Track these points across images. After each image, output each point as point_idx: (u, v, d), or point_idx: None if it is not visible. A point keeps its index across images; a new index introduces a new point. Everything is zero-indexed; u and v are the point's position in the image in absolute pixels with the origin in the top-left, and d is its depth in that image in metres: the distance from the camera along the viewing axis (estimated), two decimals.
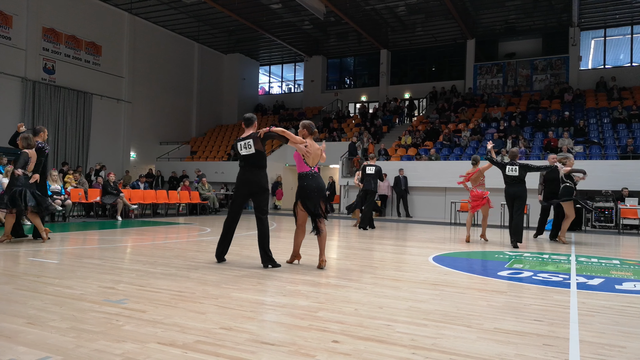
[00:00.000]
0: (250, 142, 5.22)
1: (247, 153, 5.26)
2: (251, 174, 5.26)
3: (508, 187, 8.29)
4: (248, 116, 5.46)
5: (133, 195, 13.07)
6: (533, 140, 17.12)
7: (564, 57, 21.78)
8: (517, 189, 8.20)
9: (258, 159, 5.27)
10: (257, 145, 5.21)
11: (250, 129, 5.38)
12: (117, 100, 20.73)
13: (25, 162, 6.81)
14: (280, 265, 5.30)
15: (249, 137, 5.26)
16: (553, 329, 3.14)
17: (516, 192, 8.19)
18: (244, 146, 5.26)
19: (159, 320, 3.03)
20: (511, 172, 8.21)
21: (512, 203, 8.27)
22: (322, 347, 2.65)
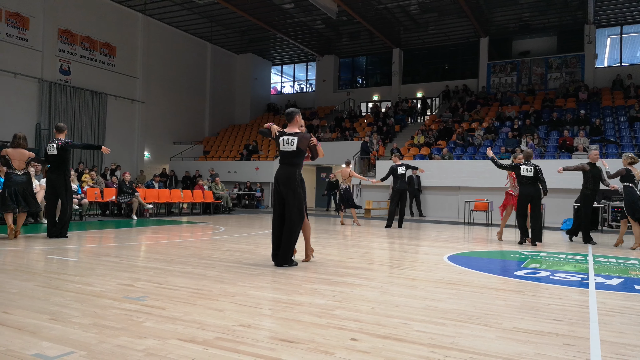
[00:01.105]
0: (295, 140, 5.12)
1: (287, 150, 5.17)
2: (283, 170, 5.17)
3: (523, 188, 8.22)
4: (289, 111, 5.33)
5: (148, 195, 13.20)
6: (548, 139, 16.94)
7: (579, 55, 21.51)
8: (533, 189, 8.14)
9: (296, 156, 5.18)
10: (301, 144, 5.13)
11: (292, 124, 5.27)
12: (131, 100, 20.94)
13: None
14: (297, 264, 5.30)
15: (294, 134, 5.16)
16: (573, 329, 3.11)
17: (531, 193, 8.13)
18: (285, 142, 5.15)
19: (178, 317, 3.07)
20: (526, 172, 8.15)
21: (527, 204, 8.21)
22: (341, 344, 2.66)
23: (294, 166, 5.18)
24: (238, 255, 5.97)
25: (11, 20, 16.54)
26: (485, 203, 13.83)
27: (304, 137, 5.15)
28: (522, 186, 8.24)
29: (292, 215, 5.11)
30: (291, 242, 5.15)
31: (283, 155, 5.23)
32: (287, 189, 5.12)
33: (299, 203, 5.15)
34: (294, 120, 5.29)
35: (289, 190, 5.12)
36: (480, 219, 14.35)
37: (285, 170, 5.18)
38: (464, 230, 11.59)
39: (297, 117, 5.31)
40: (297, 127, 5.29)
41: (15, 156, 7.09)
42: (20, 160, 7.12)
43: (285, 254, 5.14)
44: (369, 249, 7.48)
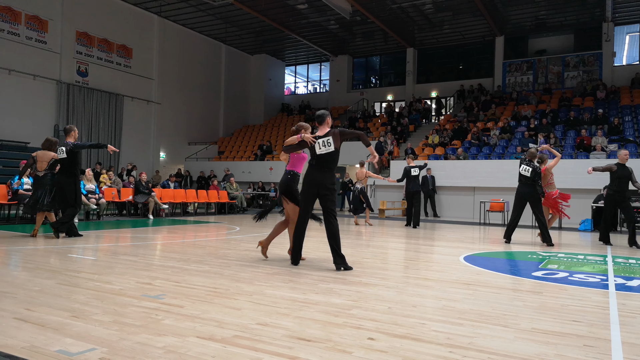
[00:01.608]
0: (330, 140, 5.05)
1: (324, 152, 5.06)
2: (319, 174, 5.06)
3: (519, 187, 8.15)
4: (320, 113, 5.24)
5: (164, 195, 13.34)
6: (565, 139, 16.71)
7: (597, 53, 21.18)
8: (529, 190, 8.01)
9: (333, 158, 5.09)
10: (336, 143, 5.07)
11: (324, 126, 5.18)
12: (147, 101, 21.18)
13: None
14: (352, 268, 5.11)
15: (327, 134, 5.12)
16: (593, 330, 3.07)
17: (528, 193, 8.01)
18: (322, 144, 5.06)
19: (196, 315, 3.10)
20: (524, 171, 8.05)
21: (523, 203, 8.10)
22: (358, 344, 2.66)
23: (330, 169, 5.12)
24: (253, 254, 6.01)
25: (30, 23, 16.85)
26: (501, 203, 13.69)
27: (335, 135, 5.07)
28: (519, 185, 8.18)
29: (333, 220, 5.05)
30: (339, 244, 5.06)
31: (321, 159, 5.09)
32: (330, 192, 5.05)
33: (334, 205, 5.13)
34: (326, 122, 5.21)
35: (332, 193, 5.05)
36: (496, 220, 14.21)
37: (326, 174, 5.07)
38: (479, 231, 11.49)
39: (328, 119, 5.24)
40: (327, 128, 5.20)
41: (42, 158, 7.35)
42: (42, 162, 7.31)
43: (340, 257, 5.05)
44: (383, 249, 7.46)
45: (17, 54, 16.38)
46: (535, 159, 8.26)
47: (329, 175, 5.09)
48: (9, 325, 2.78)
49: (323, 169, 5.09)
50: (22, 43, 16.57)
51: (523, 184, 8.12)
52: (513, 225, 8.27)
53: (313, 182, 5.08)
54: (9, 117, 16.11)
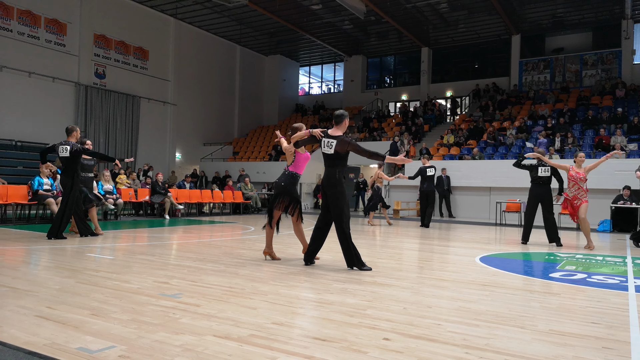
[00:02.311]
0: (333, 143, 5.05)
1: (325, 152, 5.13)
2: (326, 173, 5.17)
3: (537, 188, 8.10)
4: (339, 113, 5.22)
5: (179, 195, 13.47)
6: (583, 138, 16.46)
7: (616, 51, 20.80)
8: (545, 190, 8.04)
9: (334, 160, 5.11)
10: (339, 148, 5.04)
11: (339, 127, 5.15)
12: (163, 102, 21.41)
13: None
14: (371, 269, 5.11)
15: (335, 138, 5.07)
16: (612, 332, 3.03)
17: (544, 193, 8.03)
18: (326, 144, 5.10)
19: (213, 314, 3.13)
20: (544, 172, 8.03)
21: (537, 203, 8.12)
22: (373, 344, 2.67)
23: (333, 167, 5.12)
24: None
25: (50, 27, 17.16)
26: (518, 204, 13.54)
27: (342, 141, 5.03)
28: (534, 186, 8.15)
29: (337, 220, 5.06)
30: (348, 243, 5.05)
31: (325, 157, 5.18)
32: (329, 191, 5.09)
33: (342, 203, 5.08)
34: (343, 123, 5.17)
35: (332, 192, 5.08)
36: (512, 220, 14.06)
37: (327, 172, 5.16)
38: (495, 231, 11.38)
39: (345, 121, 5.20)
40: (342, 130, 5.17)
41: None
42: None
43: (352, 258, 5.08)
44: (398, 249, 7.44)
45: (37, 56, 16.69)
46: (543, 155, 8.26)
47: (329, 174, 5.11)
48: (31, 322, 2.84)
49: (327, 168, 5.19)
50: (42, 46, 16.87)
51: (539, 184, 8.08)
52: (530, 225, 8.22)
53: (323, 180, 5.22)
54: (28, 118, 16.42)
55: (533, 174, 8.22)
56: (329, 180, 5.09)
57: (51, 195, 9.55)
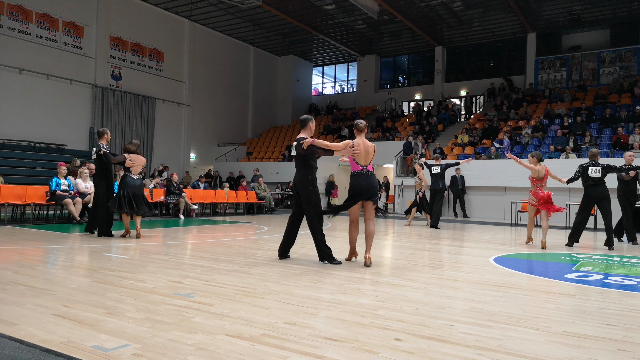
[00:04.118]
0: (293, 146, 5.51)
1: (294, 153, 5.56)
2: (297, 174, 5.50)
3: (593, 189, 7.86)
4: (302, 118, 5.69)
5: (194, 195, 13.59)
6: (601, 137, 16.19)
7: (634, 48, 20.44)
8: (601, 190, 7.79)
9: (300, 160, 5.49)
10: (298, 149, 5.43)
11: (303, 130, 5.58)
12: (178, 104, 21.62)
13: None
14: (340, 263, 5.40)
15: (297, 139, 5.48)
16: (628, 334, 2.99)
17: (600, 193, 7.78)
18: (294, 146, 5.52)
19: (225, 314, 3.16)
20: (595, 173, 7.78)
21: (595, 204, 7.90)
22: (385, 344, 2.66)
23: (304, 168, 5.46)
24: None
25: (67, 30, 17.45)
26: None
27: (298, 144, 5.41)
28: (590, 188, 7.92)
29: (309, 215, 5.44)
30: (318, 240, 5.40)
31: (295, 159, 5.58)
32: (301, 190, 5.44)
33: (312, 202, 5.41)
34: (307, 127, 5.58)
35: (303, 191, 5.42)
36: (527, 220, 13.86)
37: (298, 172, 5.50)
38: (510, 232, 11.27)
39: (310, 124, 5.60)
40: (307, 133, 5.53)
41: (136, 161, 7.55)
42: (138, 165, 7.55)
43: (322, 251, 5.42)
44: (412, 249, 7.41)
45: (55, 59, 16.99)
46: (597, 158, 7.95)
47: (302, 174, 5.44)
48: (48, 321, 2.90)
49: (298, 169, 5.51)
50: (59, 49, 17.17)
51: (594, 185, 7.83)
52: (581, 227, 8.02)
53: (294, 181, 5.56)
54: (47, 120, 16.72)
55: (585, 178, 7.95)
56: (302, 182, 5.43)
57: (68, 195, 9.72)
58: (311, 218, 5.42)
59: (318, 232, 5.41)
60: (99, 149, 7.44)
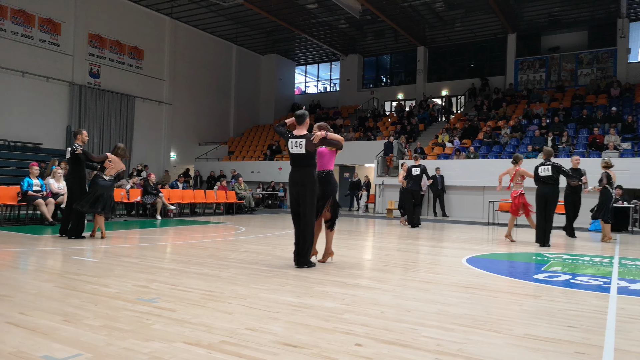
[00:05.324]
0: (302, 143, 5.13)
1: (297, 152, 5.18)
2: (298, 174, 5.18)
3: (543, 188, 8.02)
4: (299, 113, 5.31)
5: (172, 195, 13.44)
6: (577, 137, 16.45)
7: (611, 49, 20.79)
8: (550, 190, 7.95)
9: (307, 159, 5.18)
10: (308, 146, 5.13)
11: (302, 127, 5.26)
12: (158, 102, 21.37)
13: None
14: (314, 264, 5.35)
15: (302, 137, 5.17)
16: (587, 336, 3.02)
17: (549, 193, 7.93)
18: (295, 144, 5.17)
19: (187, 320, 3.11)
20: (545, 172, 7.95)
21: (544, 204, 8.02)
22: (345, 350, 2.65)
23: (307, 167, 5.19)
24: (255, 256, 6.02)
25: (44, 26, 17.11)
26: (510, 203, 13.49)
27: (309, 140, 5.13)
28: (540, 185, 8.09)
29: (308, 217, 5.15)
30: (308, 243, 5.19)
31: (294, 158, 5.25)
32: (303, 189, 5.13)
33: (313, 203, 5.18)
34: (305, 123, 5.31)
35: (306, 191, 5.13)
36: (505, 220, 14.02)
37: (299, 172, 5.20)
38: (487, 231, 11.38)
39: (307, 120, 5.35)
40: (306, 129, 5.31)
41: (114, 164, 7.45)
42: (113, 169, 7.45)
43: (304, 255, 5.19)
44: (388, 250, 7.43)
45: (31, 56, 16.65)
46: (552, 157, 8.16)
47: (306, 174, 5.15)
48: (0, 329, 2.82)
49: (300, 168, 5.20)
50: (36, 45, 16.82)
51: (545, 184, 8.01)
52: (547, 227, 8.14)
53: (292, 181, 5.25)
54: (22, 118, 16.38)
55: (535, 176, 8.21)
56: (305, 181, 5.13)
57: (41, 196, 9.53)
58: (311, 219, 5.16)
59: (313, 235, 5.23)
60: (74, 148, 7.31)
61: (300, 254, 5.19)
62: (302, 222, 5.16)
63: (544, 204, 7.98)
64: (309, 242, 5.20)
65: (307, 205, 5.13)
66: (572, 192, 9.75)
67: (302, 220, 5.17)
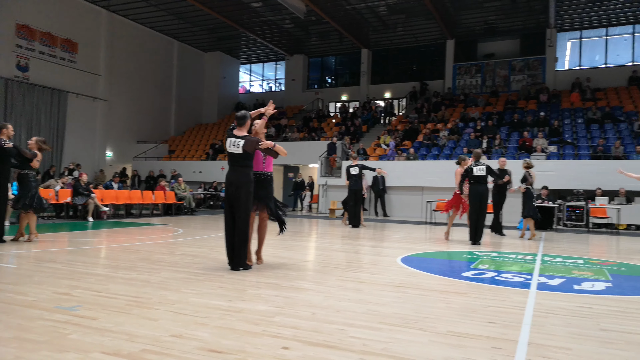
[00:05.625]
0: (240, 143, 5.05)
1: (233, 152, 5.10)
2: (235, 174, 5.12)
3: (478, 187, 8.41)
4: (240, 115, 5.23)
5: (105, 196, 12.85)
6: (509, 140, 17.33)
7: (541, 57, 22.09)
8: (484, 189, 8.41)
9: (244, 159, 5.11)
10: (246, 147, 5.05)
11: (243, 128, 5.19)
12: (93, 98, 20.41)
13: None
14: (251, 267, 5.28)
15: (241, 137, 5.09)
16: (505, 331, 3.17)
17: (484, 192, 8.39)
18: (233, 144, 5.10)
19: (108, 328, 2.98)
20: (480, 172, 8.38)
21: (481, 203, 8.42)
22: (271, 354, 2.63)
23: (243, 167, 5.14)
24: (190, 259, 5.87)
25: None
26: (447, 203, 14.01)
27: (250, 141, 5.07)
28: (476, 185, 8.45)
29: (242, 218, 5.08)
30: (244, 245, 5.13)
31: (230, 157, 5.19)
32: (238, 190, 5.07)
33: (249, 205, 5.13)
34: (246, 124, 5.23)
35: (240, 192, 5.07)
36: (442, 219, 14.56)
37: (235, 171, 5.14)
38: (425, 231, 11.74)
39: (248, 122, 5.27)
40: (247, 130, 5.24)
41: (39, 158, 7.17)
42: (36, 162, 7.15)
43: (240, 257, 5.11)
44: (327, 250, 7.48)
45: None
46: (481, 158, 8.58)
47: (242, 173, 5.11)
48: None
49: (236, 167, 5.15)
50: None
51: (480, 183, 8.41)
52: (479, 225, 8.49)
53: (229, 181, 5.18)
54: None
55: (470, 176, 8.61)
56: (240, 182, 5.07)
57: None
58: (246, 221, 5.08)
59: (248, 236, 5.16)
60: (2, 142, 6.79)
61: (235, 256, 5.11)
62: (237, 223, 5.09)
63: (479, 202, 8.36)
64: (244, 243, 5.14)
65: (241, 206, 5.07)
66: (499, 192, 10.27)
67: (237, 222, 5.09)
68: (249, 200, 5.14)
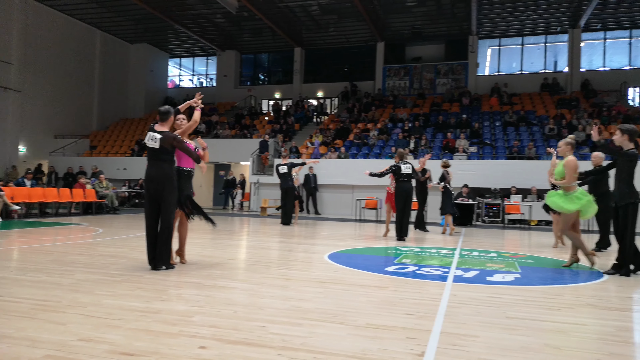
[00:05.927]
0: (158, 138, 4.87)
1: (151, 146, 4.93)
2: (154, 169, 4.93)
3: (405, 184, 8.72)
4: (164, 110, 5.06)
5: (16, 194, 11.90)
6: (434, 141, 18.11)
7: (463, 63, 23.27)
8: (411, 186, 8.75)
9: (162, 153, 4.94)
10: (165, 143, 4.87)
11: (165, 123, 5.01)
12: (4, 88, 18.82)
13: None
14: (174, 267, 5.13)
15: (160, 132, 4.91)
16: (420, 322, 3.30)
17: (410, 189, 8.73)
18: (151, 138, 4.91)
19: (7, 335, 2.76)
20: (408, 169, 8.69)
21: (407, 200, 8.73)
22: (187, 354, 2.56)
23: (162, 162, 4.95)
24: (107, 259, 5.58)
25: None
26: (375, 201, 14.44)
27: (168, 137, 4.92)
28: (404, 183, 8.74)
29: (166, 215, 4.92)
30: (168, 244, 4.98)
31: (149, 151, 5.01)
32: (160, 186, 4.89)
33: (173, 201, 4.98)
34: (168, 120, 5.06)
35: (163, 188, 4.89)
36: (370, 216, 14.94)
37: (157, 166, 4.94)
38: (354, 228, 11.98)
39: (171, 118, 5.10)
40: (169, 126, 5.07)
41: None
42: None
43: (162, 256, 4.94)
44: (255, 248, 7.42)
45: None
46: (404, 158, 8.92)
47: (162, 168, 4.93)
48: None
49: (155, 162, 4.97)
50: None
51: (407, 181, 8.75)
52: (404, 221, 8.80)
53: (148, 177, 4.98)
54: None
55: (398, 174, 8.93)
56: (160, 175, 4.90)
57: None
58: (169, 217, 4.91)
59: (172, 234, 5.00)
60: None
61: (157, 255, 4.93)
62: (161, 221, 4.92)
63: (405, 199, 8.67)
64: (168, 241, 4.97)
65: (164, 203, 4.90)
66: (421, 190, 10.72)
67: (160, 219, 4.92)
68: (173, 197, 4.97)
